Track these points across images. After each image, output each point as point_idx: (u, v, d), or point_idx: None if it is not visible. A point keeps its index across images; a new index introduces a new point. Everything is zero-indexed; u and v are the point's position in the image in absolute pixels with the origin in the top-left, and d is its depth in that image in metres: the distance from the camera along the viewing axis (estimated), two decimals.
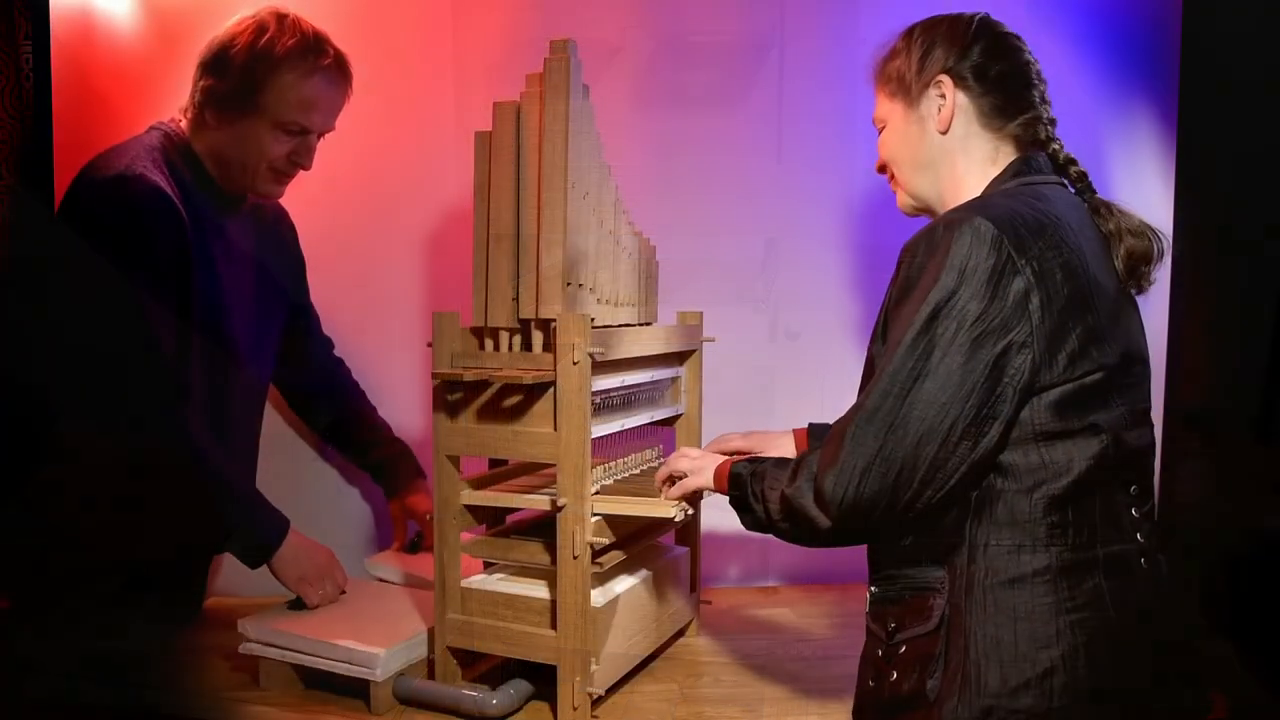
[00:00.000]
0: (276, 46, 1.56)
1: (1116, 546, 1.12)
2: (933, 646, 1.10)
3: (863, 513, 1.09)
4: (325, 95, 1.62)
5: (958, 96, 1.25)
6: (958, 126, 1.26)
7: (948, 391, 1.06)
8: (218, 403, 1.64)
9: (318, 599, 1.57)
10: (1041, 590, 1.08)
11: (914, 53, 1.29)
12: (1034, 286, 1.07)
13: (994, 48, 1.26)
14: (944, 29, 1.28)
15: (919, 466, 1.07)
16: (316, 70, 1.59)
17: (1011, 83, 1.26)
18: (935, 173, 1.29)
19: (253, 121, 1.58)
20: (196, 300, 1.56)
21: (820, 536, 1.15)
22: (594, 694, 1.36)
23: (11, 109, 1.78)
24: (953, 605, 1.10)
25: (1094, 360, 1.10)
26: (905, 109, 1.30)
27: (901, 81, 1.30)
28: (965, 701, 1.06)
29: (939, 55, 1.26)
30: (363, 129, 1.75)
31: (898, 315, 1.12)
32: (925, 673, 1.10)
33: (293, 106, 1.58)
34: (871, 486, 1.08)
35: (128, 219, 1.47)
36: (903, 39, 1.32)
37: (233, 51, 1.56)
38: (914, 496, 1.08)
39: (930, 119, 1.27)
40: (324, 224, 1.95)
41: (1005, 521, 1.10)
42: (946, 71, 1.26)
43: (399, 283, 2.01)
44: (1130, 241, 1.19)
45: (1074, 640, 1.07)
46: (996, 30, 1.29)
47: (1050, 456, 1.10)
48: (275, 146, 1.60)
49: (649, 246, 1.66)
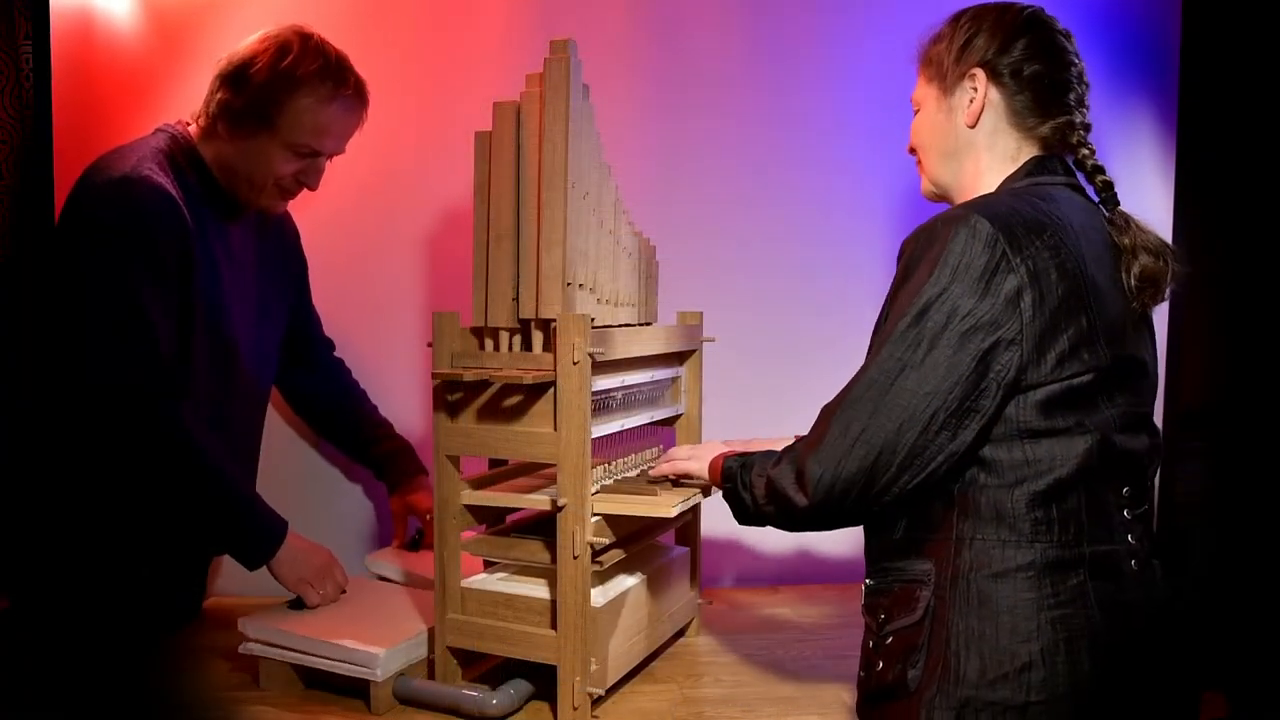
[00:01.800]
0: (298, 70, 1.55)
1: (1105, 546, 1.12)
2: (916, 637, 1.12)
3: (839, 494, 1.11)
4: (341, 121, 1.61)
5: (990, 91, 1.24)
6: (986, 122, 1.25)
7: (932, 382, 1.08)
8: (219, 404, 1.64)
9: (318, 599, 1.57)
10: (1024, 585, 1.09)
11: (956, 39, 1.27)
12: (1026, 285, 1.08)
13: (1038, 45, 1.24)
14: (990, 20, 1.26)
15: (898, 451, 1.09)
16: (336, 97, 1.59)
17: (1048, 84, 1.23)
18: (958, 163, 1.28)
19: (265, 140, 1.58)
20: (198, 302, 1.56)
21: (797, 517, 1.17)
22: (594, 694, 1.36)
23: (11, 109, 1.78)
24: (938, 597, 1.11)
25: (1084, 362, 1.10)
26: (939, 96, 1.29)
27: (939, 67, 1.28)
28: (944, 691, 1.08)
29: (979, 46, 1.25)
30: (363, 129, 1.75)
31: (892, 306, 1.14)
32: (908, 663, 1.11)
33: (307, 130, 1.58)
34: (850, 468, 1.10)
35: (131, 219, 1.47)
36: (950, 23, 1.30)
37: (253, 69, 1.55)
38: (890, 481, 1.10)
39: (960, 110, 1.26)
40: (324, 224, 1.95)
41: (990, 517, 1.11)
42: (983, 65, 1.24)
43: (399, 283, 2.01)
44: (1145, 260, 1.18)
45: (1054, 636, 1.07)
46: (1045, 27, 1.25)
47: (1034, 453, 1.11)
48: (284, 166, 1.60)
49: (649, 246, 1.66)
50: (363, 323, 2.01)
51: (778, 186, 2.04)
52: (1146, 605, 1.14)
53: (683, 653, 1.65)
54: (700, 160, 2.03)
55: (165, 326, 1.50)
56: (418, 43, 1.97)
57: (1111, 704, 1.09)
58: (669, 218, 1.97)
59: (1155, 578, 1.17)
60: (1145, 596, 1.14)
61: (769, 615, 1.84)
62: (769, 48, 2.02)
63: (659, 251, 1.70)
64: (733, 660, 1.61)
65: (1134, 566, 1.14)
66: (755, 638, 1.71)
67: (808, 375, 2.01)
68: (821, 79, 2.02)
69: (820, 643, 1.68)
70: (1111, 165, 1.29)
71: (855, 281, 2.05)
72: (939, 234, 1.11)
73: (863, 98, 2.03)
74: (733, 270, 2.03)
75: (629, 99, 1.98)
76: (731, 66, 2.02)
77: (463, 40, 1.98)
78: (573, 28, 1.79)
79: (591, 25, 1.96)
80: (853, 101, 2.04)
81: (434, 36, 1.97)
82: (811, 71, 2.03)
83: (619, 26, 1.99)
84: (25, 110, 1.77)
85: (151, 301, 1.47)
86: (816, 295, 2.05)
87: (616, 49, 1.98)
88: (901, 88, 1.40)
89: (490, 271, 1.41)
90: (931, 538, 1.14)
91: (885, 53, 1.96)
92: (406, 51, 1.96)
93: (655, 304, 1.69)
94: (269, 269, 1.78)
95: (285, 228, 1.85)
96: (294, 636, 1.46)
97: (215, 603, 1.88)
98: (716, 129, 2.02)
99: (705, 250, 2.02)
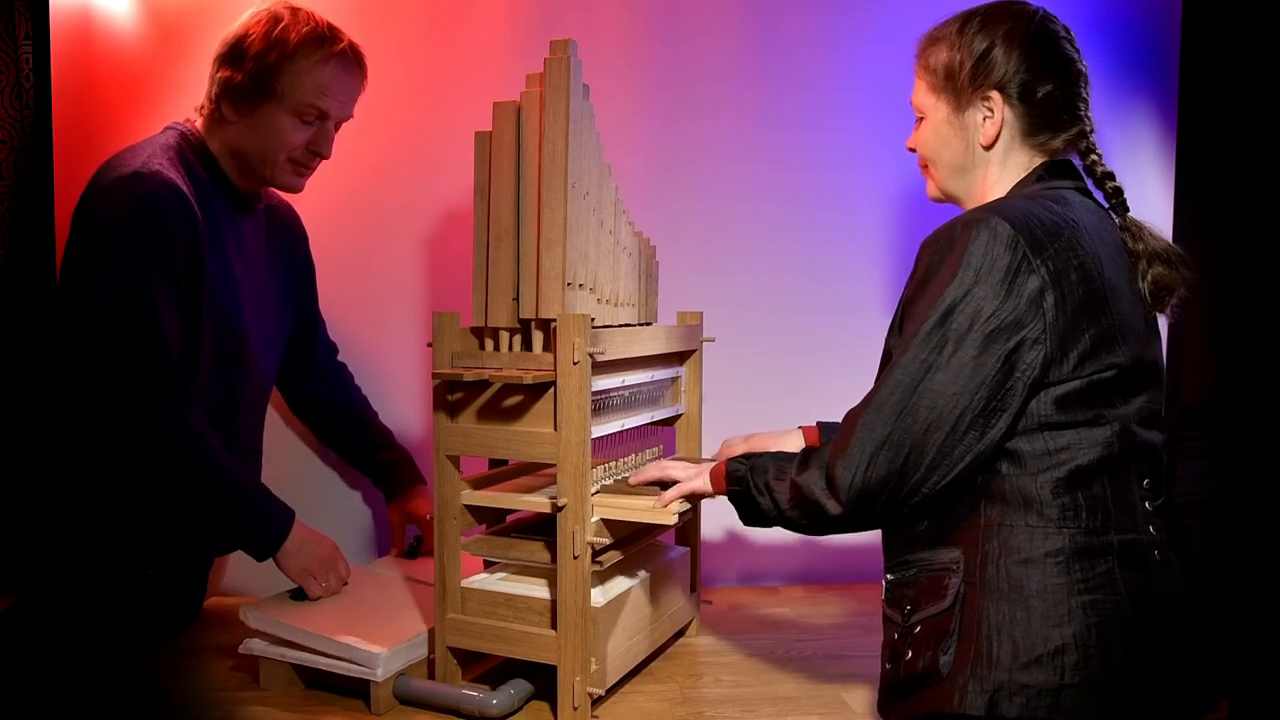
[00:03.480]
0: (291, 34, 1.59)
1: (1130, 535, 1.13)
2: (947, 623, 1.12)
3: (870, 497, 1.12)
4: (340, 80, 1.63)
5: (1005, 112, 1.24)
6: (1001, 141, 1.25)
7: (959, 383, 1.09)
8: (226, 399, 1.64)
9: (321, 590, 1.58)
10: (1054, 570, 1.10)
11: (969, 52, 1.24)
12: (1049, 286, 1.09)
13: (1049, 61, 1.23)
14: (1004, 32, 1.23)
15: (926, 452, 1.10)
16: (331, 56, 1.61)
17: (1059, 101, 1.23)
18: (970, 177, 1.29)
19: (270, 110, 1.59)
20: (209, 297, 1.57)
21: (831, 523, 1.17)
22: (594, 694, 1.36)
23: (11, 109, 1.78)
24: (968, 584, 1.12)
25: (1104, 360, 1.12)
26: (950, 111, 1.27)
27: (950, 79, 1.26)
28: (977, 676, 1.08)
29: (995, 66, 1.22)
30: (363, 129, 1.75)
31: (914, 309, 1.15)
32: (939, 649, 1.11)
33: (309, 91, 1.60)
34: (879, 471, 1.11)
35: (143, 214, 1.48)
36: (956, 28, 1.27)
37: (248, 43, 1.58)
38: (919, 482, 1.11)
39: (975, 130, 1.25)
40: (324, 223, 1.94)
41: (1018, 503, 1.12)
42: (999, 88, 1.23)
43: (399, 283, 2.01)
44: (1158, 269, 1.20)
45: (1086, 620, 1.08)
46: (1056, 38, 1.24)
47: (1056, 443, 1.12)
48: (294, 135, 1.61)
49: (649, 246, 1.66)
50: (363, 322, 2.01)
51: (778, 186, 2.04)
52: (1169, 596, 1.15)
53: (683, 653, 1.65)
54: (700, 160, 2.02)
55: (175, 321, 1.50)
56: (418, 43, 1.97)
57: (1139, 691, 1.09)
58: (669, 218, 1.97)
59: (1175, 569, 1.19)
60: (1168, 587, 1.16)
61: (769, 615, 1.84)
62: (769, 47, 2.02)
63: (659, 251, 1.70)
64: (733, 660, 1.61)
65: (1156, 557, 1.15)
66: (755, 638, 1.71)
67: (808, 375, 2.02)
68: (822, 79, 2.02)
69: (820, 643, 1.68)
70: (1111, 165, 1.29)
71: (856, 281, 2.05)
72: (959, 237, 1.12)
73: (863, 98, 2.03)
74: (733, 270, 2.03)
75: (629, 99, 1.98)
76: (732, 66, 2.02)
77: (463, 40, 1.98)
78: (573, 28, 1.79)
79: (592, 25, 1.95)
80: (853, 101, 2.03)
81: (434, 36, 1.97)
82: (812, 71, 2.02)
83: (619, 26, 1.99)
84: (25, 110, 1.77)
85: (162, 297, 1.48)
86: (817, 295, 2.05)
87: (616, 49, 1.98)
88: (902, 88, 1.40)
89: (490, 271, 1.41)
90: (958, 527, 1.15)
91: (886, 52, 1.96)
92: (406, 51, 1.96)
93: (655, 304, 1.69)
94: (278, 268, 1.78)
95: (293, 229, 1.85)
96: (294, 629, 1.45)
97: (215, 603, 1.88)
98: (717, 129, 2.02)
99: (705, 250, 2.02)
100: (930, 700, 1.11)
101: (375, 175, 1.97)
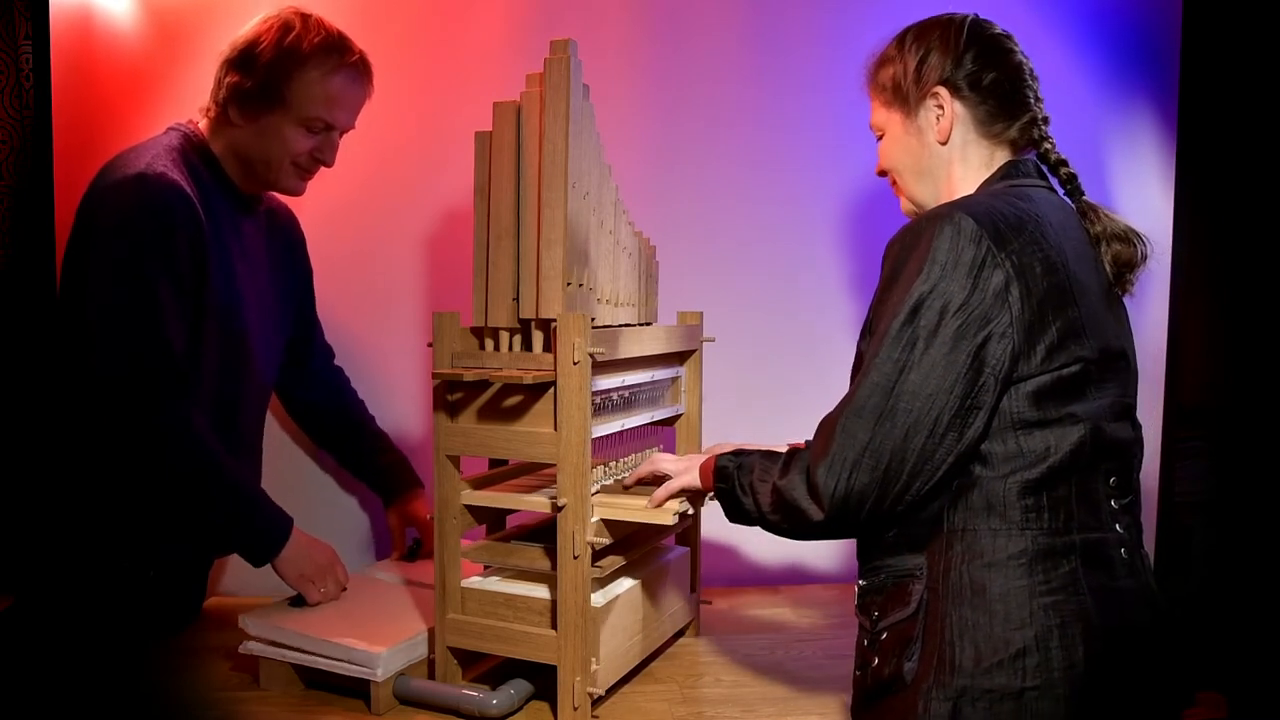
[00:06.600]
0: (303, 44, 1.58)
1: (1095, 535, 1.13)
2: (911, 630, 1.12)
3: (854, 504, 1.11)
4: (349, 92, 1.63)
5: (955, 106, 1.27)
6: (956, 135, 1.28)
7: (932, 382, 1.09)
8: (228, 400, 1.64)
9: (319, 596, 1.58)
10: (1017, 573, 1.10)
11: (909, 61, 1.29)
12: (1013, 279, 1.09)
13: (987, 53, 1.27)
14: (936, 36, 1.29)
15: (908, 458, 1.09)
16: (342, 67, 1.61)
17: (1006, 88, 1.27)
18: (934, 179, 1.31)
19: (278, 118, 1.59)
20: (211, 298, 1.57)
21: (813, 529, 1.16)
22: (594, 694, 1.36)
23: (11, 109, 1.78)
24: (930, 589, 1.12)
25: (1072, 353, 1.12)
26: (904, 119, 1.31)
27: (898, 91, 1.31)
28: (940, 682, 1.08)
29: (934, 64, 1.27)
30: (363, 129, 1.75)
31: (883, 308, 1.15)
32: (904, 656, 1.12)
33: (318, 102, 1.59)
34: (861, 479, 1.10)
35: (146, 214, 1.48)
36: (895, 45, 1.33)
37: (259, 49, 1.57)
38: (903, 488, 1.10)
39: (929, 129, 1.29)
40: (324, 223, 1.95)
41: (982, 507, 1.12)
42: (943, 83, 1.27)
43: (399, 283, 2.01)
44: (1116, 247, 1.22)
45: (1047, 622, 1.08)
46: (988, 33, 1.29)
47: (1028, 445, 1.12)
48: (299, 143, 1.61)
49: (649, 246, 1.66)
50: (363, 322, 2.01)
51: (778, 186, 2.04)
52: (1137, 593, 1.15)
53: (683, 653, 1.65)
54: (700, 160, 2.02)
55: (179, 322, 1.50)
56: (418, 43, 1.97)
57: (1105, 690, 1.09)
58: (669, 218, 1.97)
59: (1144, 567, 1.19)
60: (1136, 585, 1.15)
61: (769, 615, 1.84)
62: (769, 47, 2.02)
63: (659, 251, 1.70)
64: (733, 660, 1.61)
65: (1123, 555, 1.15)
66: (755, 638, 1.71)
67: (808, 375, 2.02)
68: (822, 79, 2.02)
69: (820, 643, 1.68)
70: (1112, 165, 1.30)
71: (856, 281, 2.05)
72: (924, 233, 1.12)
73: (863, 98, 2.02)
74: (733, 270, 2.03)
75: (629, 99, 1.98)
76: (732, 66, 2.02)
77: (463, 40, 1.98)
78: (573, 28, 1.79)
79: (592, 25, 1.95)
80: (853, 101, 2.02)
81: (434, 37, 1.97)
82: (812, 71, 2.03)
83: (619, 26, 1.99)
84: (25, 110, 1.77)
85: (165, 297, 1.48)
86: (817, 295, 2.05)
87: (616, 49, 1.98)
88: None
89: (490, 271, 1.41)
90: (923, 532, 1.14)
91: None
92: (406, 52, 1.96)
93: (655, 304, 1.69)
94: (278, 270, 1.78)
95: (292, 233, 1.85)
96: (294, 634, 1.45)
97: (215, 603, 1.88)
98: (717, 129, 2.02)
99: (705, 250, 2.02)
100: (895, 707, 1.11)
101: (375, 175, 1.97)
